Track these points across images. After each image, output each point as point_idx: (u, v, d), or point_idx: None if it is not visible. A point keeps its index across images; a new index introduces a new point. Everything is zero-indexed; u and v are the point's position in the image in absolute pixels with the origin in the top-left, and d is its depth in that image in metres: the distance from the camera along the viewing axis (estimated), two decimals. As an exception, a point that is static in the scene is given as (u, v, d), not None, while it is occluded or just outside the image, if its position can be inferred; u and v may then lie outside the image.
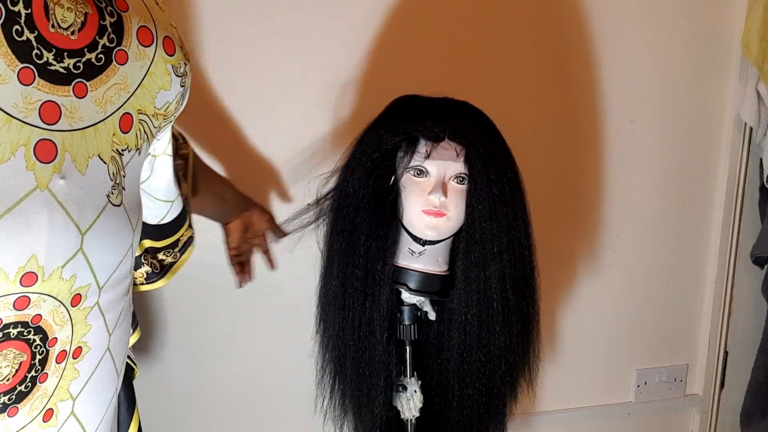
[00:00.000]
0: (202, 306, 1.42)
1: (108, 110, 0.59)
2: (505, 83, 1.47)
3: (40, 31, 0.52)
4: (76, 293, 0.58)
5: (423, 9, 1.39)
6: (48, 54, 0.53)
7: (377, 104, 1.09)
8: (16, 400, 0.57)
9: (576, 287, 1.63)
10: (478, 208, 0.99)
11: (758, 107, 1.56)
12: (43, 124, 0.53)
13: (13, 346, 0.55)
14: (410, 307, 1.09)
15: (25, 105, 0.52)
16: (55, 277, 0.55)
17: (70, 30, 0.54)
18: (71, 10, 0.54)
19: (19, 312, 0.54)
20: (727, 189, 1.65)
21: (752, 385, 1.65)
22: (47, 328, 0.57)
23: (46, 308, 0.56)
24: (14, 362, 0.55)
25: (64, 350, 0.59)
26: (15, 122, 0.51)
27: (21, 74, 0.51)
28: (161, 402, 1.42)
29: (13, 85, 0.51)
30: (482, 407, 1.09)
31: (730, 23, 1.57)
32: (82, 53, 0.55)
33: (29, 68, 0.52)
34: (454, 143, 0.98)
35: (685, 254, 1.69)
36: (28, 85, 0.52)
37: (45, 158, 0.53)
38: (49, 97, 0.53)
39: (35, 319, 0.56)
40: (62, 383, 0.60)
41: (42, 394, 0.59)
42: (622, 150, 1.57)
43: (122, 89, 0.60)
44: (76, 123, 0.56)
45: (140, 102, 0.62)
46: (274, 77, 1.34)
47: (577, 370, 1.68)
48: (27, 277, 0.54)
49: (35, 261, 0.54)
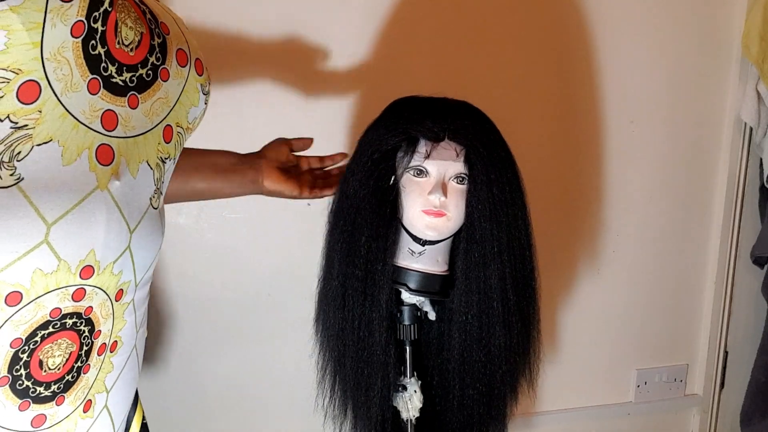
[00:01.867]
0: (202, 306, 1.42)
1: (154, 121, 0.65)
2: (505, 83, 1.47)
3: (109, 46, 0.58)
4: (120, 288, 0.63)
5: (423, 9, 1.39)
6: (112, 67, 0.59)
7: (377, 104, 1.09)
8: (63, 389, 0.60)
9: (576, 287, 1.63)
10: (478, 208, 0.98)
11: (758, 107, 1.56)
12: (104, 130, 0.59)
13: (66, 336, 0.59)
14: (410, 307, 1.09)
15: (91, 112, 0.57)
16: (107, 272, 0.60)
17: (130, 47, 0.60)
18: (132, 29, 0.60)
19: (76, 303, 0.59)
20: (727, 189, 1.65)
21: (752, 385, 1.65)
22: (95, 320, 0.61)
23: (97, 300, 0.61)
24: (66, 351, 0.59)
25: (104, 343, 0.63)
26: (81, 127, 0.57)
27: (90, 84, 0.57)
28: (161, 402, 1.42)
29: (83, 93, 0.56)
30: (482, 407, 1.09)
31: (730, 23, 1.57)
32: (136, 68, 0.61)
33: (96, 79, 0.57)
34: (454, 143, 0.98)
35: (685, 254, 1.69)
36: (94, 95, 0.57)
37: (104, 161, 0.59)
38: (109, 106, 0.59)
39: (87, 311, 0.60)
40: (100, 375, 0.64)
41: (84, 384, 0.62)
42: (622, 150, 1.57)
43: (164, 103, 0.66)
44: (130, 131, 0.62)
45: (178, 116, 0.69)
46: (274, 77, 1.34)
47: (577, 370, 1.68)
48: (85, 270, 0.58)
49: (93, 255, 0.58)
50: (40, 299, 0.56)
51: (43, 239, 0.54)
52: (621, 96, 1.54)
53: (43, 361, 0.58)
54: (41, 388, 0.59)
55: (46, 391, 0.59)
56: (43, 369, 0.58)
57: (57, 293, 0.57)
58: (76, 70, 0.55)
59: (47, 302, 0.56)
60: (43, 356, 0.58)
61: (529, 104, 1.49)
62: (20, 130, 0.52)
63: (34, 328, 0.56)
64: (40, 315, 0.56)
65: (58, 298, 0.57)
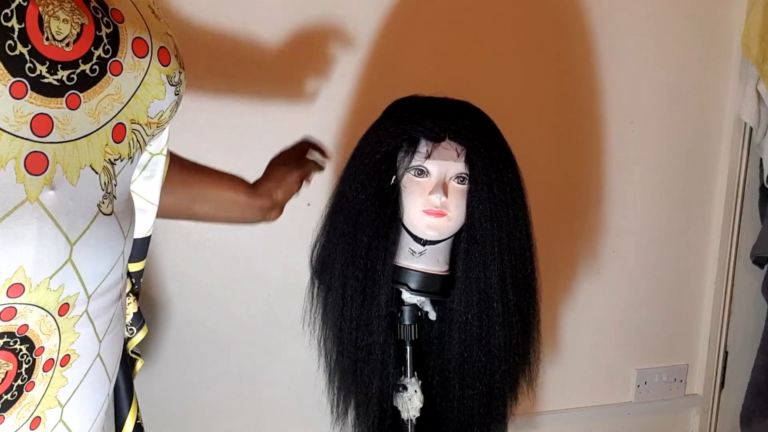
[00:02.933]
0: (202, 306, 1.42)
1: (101, 121, 0.59)
2: (505, 83, 1.47)
3: (33, 44, 0.52)
4: (64, 303, 0.58)
5: (423, 9, 1.39)
6: (41, 67, 0.53)
7: (377, 104, 1.09)
8: (2, 409, 0.56)
9: (576, 287, 1.63)
10: (479, 208, 0.98)
11: (758, 107, 1.56)
12: (35, 137, 0.53)
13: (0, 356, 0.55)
14: (411, 307, 1.09)
15: (17, 119, 0.52)
16: (42, 288, 0.55)
17: (65, 42, 0.54)
18: (67, 22, 0.54)
19: (5, 323, 0.54)
20: (727, 189, 1.65)
21: (752, 385, 1.65)
22: (34, 338, 0.57)
23: (32, 318, 0.56)
24: (1, 372, 0.55)
25: (51, 358, 0.59)
26: (6, 136, 0.51)
27: (13, 88, 0.51)
28: (160, 402, 1.42)
29: (4, 99, 0.51)
30: (483, 407, 1.09)
31: (730, 23, 1.57)
32: (76, 65, 0.55)
33: (22, 82, 0.52)
34: (455, 143, 0.98)
35: (685, 254, 1.69)
36: (19, 99, 0.52)
37: (35, 170, 0.54)
38: (41, 110, 0.53)
39: (21, 329, 0.56)
40: (50, 391, 0.60)
41: (29, 402, 0.58)
42: (623, 150, 1.57)
43: (115, 100, 0.60)
44: (69, 134, 0.56)
45: (133, 112, 0.62)
46: (274, 77, 1.34)
47: (577, 370, 1.68)
48: (14, 288, 0.53)
49: (23, 272, 0.53)
50: None
51: None
52: (621, 96, 1.54)
53: None
54: None
55: None
56: None
57: None
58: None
59: None
60: None
61: (529, 104, 1.49)
62: None
63: None
64: None
65: None
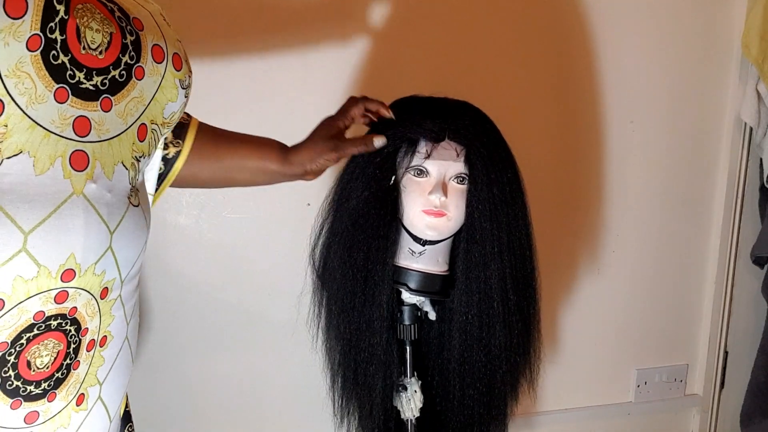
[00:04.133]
0: (202, 305, 1.42)
1: (128, 122, 0.65)
2: (505, 83, 1.47)
3: (73, 53, 0.58)
4: (105, 287, 0.65)
5: (423, 9, 1.39)
6: (80, 74, 0.59)
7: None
8: (54, 386, 0.62)
9: (576, 287, 1.63)
10: (479, 208, 0.98)
11: (758, 107, 1.56)
12: (76, 137, 0.60)
13: (53, 337, 0.61)
14: (410, 307, 1.08)
15: (61, 121, 0.58)
16: (89, 273, 0.62)
17: (98, 50, 0.60)
18: (99, 32, 0.60)
19: (59, 305, 0.61)
20: (727, 189, 1.65)
21: (752, 385, 1.65)
22: (81, 320, 0.63)
23: (81, 301, 0.62)
24: (53, 351, 0.61)
25: (93, 339, 0.65)
26: (53, 137, 0.58)
27: (57, 94, 0.58)
28: (158, 402, 1.42)
29: (50, 104, 0.57)
30: (483, 407, 1.09)
31: (730, 23, 1.57)
32: (108, 71, 0.62)
33: (64, 88, 0.58)
34: (455, 143, 0.98)
35: (685, 254, 1.69)
36: (62, 103, 0.58)
37: (79, 167, 0.60)
38: (80, 113, 0.60)
39: (71, 312, 0.62)
40: (91, 369, 0.66)
41: (75, 380, 0.64)
42: (623, 150, 1.57)
43: (139, 102, 0.66)
44: (104, 134, 0.63)
45: (152, 113, 0.69)
46: (273, 78, 1.34)
47: (577, 370, 1.68)
48: (66, 273, 0.60)
49: (74, 259, 0.60)
50: (22, 304, 0.58)
51: (21, 248, 0.56)
52: (621, 96, 1.54)
53: (30, 362, 0.60)
54: (31, 387, 0.61)
55: (36, 389, 0.61)
56: (32, 369, 0.60)
57: (39, 297, 0.59)
58: (39, 82, 0.56)
59: (30, 307, 0.58)
60: (30, 357, 0.60)
61: (529, 104, 1.49)
62: None
63: (19, 331, 0.59)
64: (23, 319, 0.59)
65: (41, 301, 0.59)
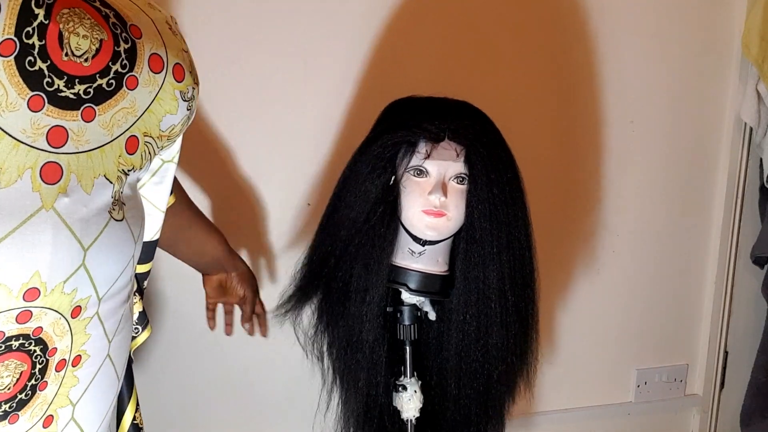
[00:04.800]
0: (202, 306, 1.42)
1: (114, 133, 0.61)
2: (505, 83, 1.47)
3: (52, 60, 0.54)
4: (77, 305, 0.60)
5: (422, 9, 1.39)
6: (59, 81, 0.55)
7: (377, 105, 1.09)
8: (17, 408, 0.59)
9: (576, 287, 1.63)
10: (478, 208, 0.99)
11: (758, 107, 1.56)
12: (50, 148, 0.56)
13: (14, 357, 0.57)
14: (410, 307, 1.09)
15: (33, 130, 0.54)
16: (57, 292, 0.58)
17: (83, 57, 0.56)
18: (86, 38, 0.56)
19: (21, 325, 0.57)
20: (727, 189, 1.65)
21: (752, 385, 1.65)
22: (47, 339, 0.59)
23: (47, 321, 0.58)
24: (15, 372, 0.58)
25: (63, 359, 0.61)
26: (22, 147, 0.54)
27: (31, 102, 0.54)
28: (159, 403, 1.42)
29: (22, 112, 0.53)
30: (480, 407, 1.09)
31: (730, 23, 1.57)
32: (93, 79, 0.57)
33: (39, 96, 0.54)
34: (454, 143, 0.98)
35: (685, 254, 1.69)
36: (37, 112, 0.54)
37: (50, 180, 0.56)
38: (57, 122, 0.56)
39: (36, 332, 0.58)
40: (62, 390, 0.62)
41: (42, 401, 0.61)
42: (622, 150, 1.57)
43: (129, 113, 0.62)
44: (83, 145, 0.58)
45: (146, 125, 0.64)
46: (273, 78, 1.34)
47: (576, 370, 1.68)
48: (30, 292, 0.56)
49: (38, 277, 0.56)
50: None
51: None
52: (621, 96, 1.54)
53: None
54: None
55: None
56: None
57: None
58: (11, 89, 0.52)
59: None
60: None
61: (529, 104, 1.49)
62: None
63: None
64: None
65: (0, 321, 0.55)
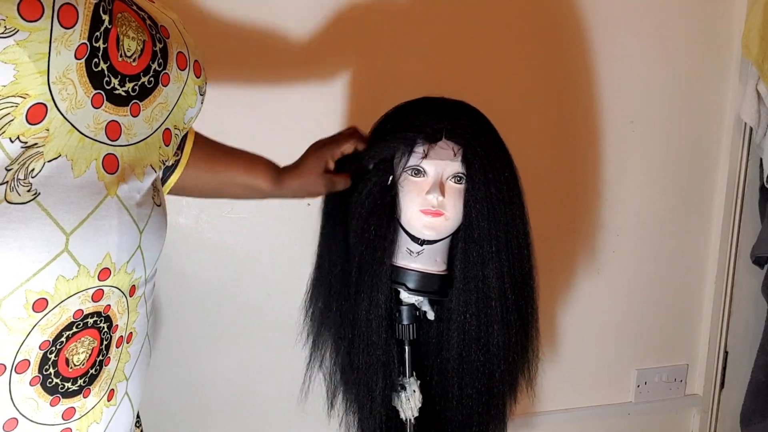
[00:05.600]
0: (202, 306, 1.42)
1: (154, 126, 0.68)
2: (504, 83, 1.47)
3: (111, 61, 0.60)
4: (133, 284, 0.68)
5: (421, 9, 1.39)
6: (115, 80, 0.61)
7: (377, 105, 1.09)
8: (88, 382, 0.65)
9: (576, 287, 1.63)
10: (476, 208, 0.99)
11: (758, 107, 1.56)
12: (108, 141, 0.62)
13: (89, 334, 0.64)
14: (409, 307, 1.09)
15: (95, 125, 0.60)
16: (122, 272, 0.65)
17: (132, 58, 0.62)
18: (134, 40, 0.62)
19: (95, 303, 0.63)
20: (727, 189, 1.65)
21: (752, 385, 1.65)
22: (113, 317, 0.66)
23: (114, 299, 0.65)
24: (89, 348, 0.64)
25: (121, 336, 0.68)
26: (87, 140, 0.60)
27: (93, 99, 0.59)
28: (159, 403, 1.43)
29: (87, 109, 0.59)
30: (481, 407, 1.09)
31: (730, 23, 1.57)
32: (138, 77, 0.64)
33: (100, 93, 0.60)
34: (452, 143, 0.98)
35: (685, 254, 1.69)
36: (97, 108, 0.60)
37: (111, 170, 0.62)
38: (112, 117, 0.62)
39: (106, 309, 0.65)
40: (120, 365, 0.69)
41: (107, 376, 0.67)
42: (622, 150, 1.57)
43: (164, 108, 0.69)
44: (132, 138, 0.65)
45: (175, 118, 0.71)
46: (273, 78, 1.34)
47: (577, 370, 1.68)
48: (103, 272, 0.62)
49: (109, 258, 0.62)
50: (63, 303, 0.60)
51: (64, 248, 0.58)
52: (621, 96, 1.54)
53: (69, 359, 0.63)
54: (69, 384, 0.63)
55: (73, 386, 0.64)
56: (69, 366, 0.63)
57: (78, 296, 0.61)
58: (80, 88, 0.58)
59: (70, 305, 0.61)
60: (68, 354, 0.62)
61: (528, 104, 1.49)
62: (31, 149, 0.56)
63: (60, 329, 0.61)
64: (64, 318, 0.61)
65: (80, 300, 0.61)
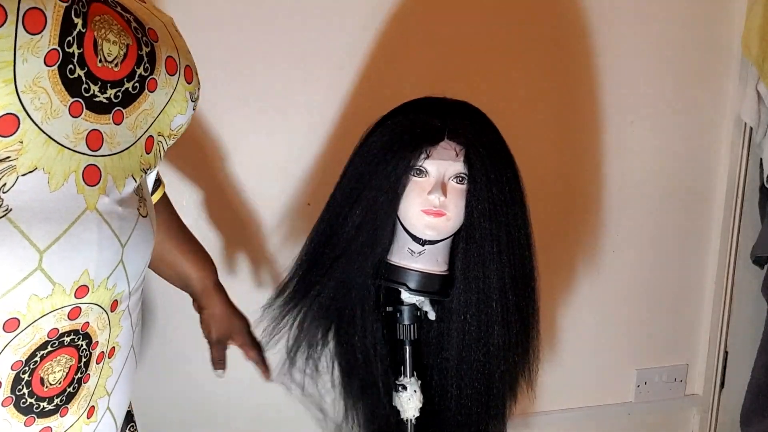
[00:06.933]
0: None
1: (137, 134, 0.64)
2: (505, 83, 1.47)
3: (89, 66, 0.57)
4: (114, 300, 0.64)
5: (422, 9, 1.39)
6: (94, 87, 0.58)
7: (377, 105, 1.09)
8: (66, 401, 0.62)
9: (576, 287, 1.63)
10: (478, 208, 0.98)
11: (758, 107, 1.56)
12: (89, 151, 0.59)
13: (65, 353, 0.61)
14: (410, 307, 1.09)
15: (75, 135, 0.57)
16: (102, 288, 0.62)
17: (114, 63, 0.59)
18: (116, 44, 0.58)
19: (72, 321, 0.60)
20: (727, 189, 1.65)
21: (752, 385, 1.65)
22: (92, 334, 0.63)
23: (93, 316, 0.62)
24: (65, 367, 0.61)
25: (102, 351, 0.65)
26: (66, 152, 0.56)
27: (71, 108, 0.56)
28: (158, 404, 1.42)
29: (64, 118, 0.56)
30: (481, 407, 1.09)
31: (730, 23, 1.57)
32: (122, 83, 0.60)
33: (78, 101, 0.57)
34: (454, 143, 0.98)
35: (685, 254, 1.69)
36: (77, 117, 0.57)
37: (91, 181, 0.59)
38: (93, 126, 0.58)
39: (84, 327, 0.62)
40: (100, 381, 0.66)
41: (86, 393, 0.64)
42: (623, 150, 1.57)
43: (149, 114, 0.65)
44: (115, 147, 0.61)
45: (160, 125, 0.68)
46: (272, 77, 1.34)
47: (577, 370, 1.68)
48: (80, 289, 0.59)
49: (87, 275, 0.59)
50: (37, 322, 0.57)
51: (37, 266, 0.55)
52: (621, 96, 1.54)
53: (44, 378, 0.60)
54: (44, 403, 0.60)
55: (49, 405, 0.61)
56: (45, 385, 0.60)
57: (53, 315, 0.58)
58: (54, 96, 0.54)
59: (44, 324, 0.58)
60: (43, 374, 0.59)
61: (529, 104, 1.49)
62: (2, 162, 0.52)
63: (33, 349, 0.58)
64: (38, 337, 0.58)
65: (55, 319, 0.58)
